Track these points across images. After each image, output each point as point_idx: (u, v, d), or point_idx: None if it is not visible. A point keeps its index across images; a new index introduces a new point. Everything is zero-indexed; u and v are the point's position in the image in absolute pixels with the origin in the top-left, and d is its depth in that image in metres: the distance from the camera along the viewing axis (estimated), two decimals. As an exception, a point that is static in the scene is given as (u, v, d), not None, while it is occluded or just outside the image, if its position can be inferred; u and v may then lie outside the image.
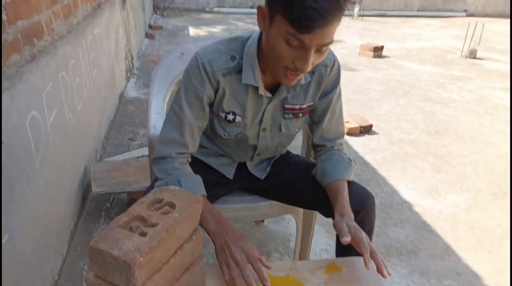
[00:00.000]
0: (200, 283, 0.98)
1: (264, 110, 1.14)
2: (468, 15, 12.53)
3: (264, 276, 0.90)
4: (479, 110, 3.96)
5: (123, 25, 4.00)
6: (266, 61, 1.01)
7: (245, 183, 1.36)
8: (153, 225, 0.83)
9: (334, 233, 1.09)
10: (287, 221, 2.04)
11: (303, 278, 1.03)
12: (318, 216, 1.48)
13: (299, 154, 1.51)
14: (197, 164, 1.26)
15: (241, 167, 1.34)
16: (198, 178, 1.09)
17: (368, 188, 1.22)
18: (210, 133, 1.25)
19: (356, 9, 11.00)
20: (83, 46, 2.24)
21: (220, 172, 1.32)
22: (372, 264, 0.94)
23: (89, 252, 0.77)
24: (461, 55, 6.46)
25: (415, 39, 7.98)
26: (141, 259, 0.75)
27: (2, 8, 1.25)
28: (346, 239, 0.95)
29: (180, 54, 1.72)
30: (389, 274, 0.93)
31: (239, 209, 1.38)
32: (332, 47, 0.96)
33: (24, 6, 1.46)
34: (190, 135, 1.10)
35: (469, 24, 6.90)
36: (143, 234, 0.81)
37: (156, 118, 1.45)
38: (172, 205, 0.90)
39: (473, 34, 6.50)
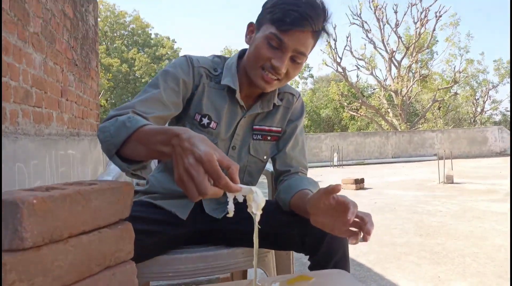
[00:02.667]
0: (128, 294, 0.76)
1: (237, 124, 1.12)
2: (439, 158, 13.40)
3: (231, 186, 0.63)
4: (467, 216, 3.84)
5: (105, 165, 4.12)
6: (245, 73, 1.06)
7: (200, 226, 1.20)
8: (63, 189, 0.70)
9: None
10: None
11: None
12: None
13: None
14: (143, 205, 1.14)
15: (197, 210, 1.21)
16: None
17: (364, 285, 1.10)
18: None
19: (335, 158, 11.72)
20: (52, 155, 2.25)
21: (171, 213, 1.17)
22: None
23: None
24: (439, 182, 6.63)
25: (394, 175, 8.29)
26: (35, 201, 0.60)
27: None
28: (336, 187, 0.78)
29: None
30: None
31: (195, 259, 1.16)
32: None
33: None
34: (155, 106, 0.94)
35: (438, 161, 7.35)
36: (47, 191, 0.67)
37: (108, 173, 1.36)
38: (93, 184, 0.77)
39: (444, 164, 6.83)
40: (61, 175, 2.41)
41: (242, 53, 1.12)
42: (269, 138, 1.17)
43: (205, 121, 1.09)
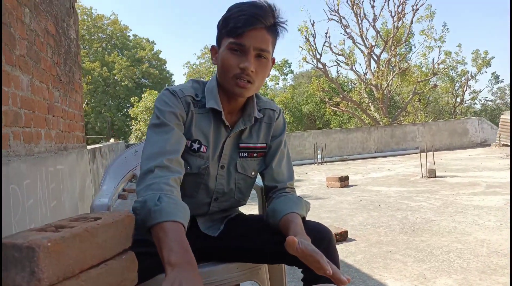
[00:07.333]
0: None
1: (224, 143, 1.17)
2: (421, 152, 13.69)
3: None
4: (450, 211, 3.98)
5: (91, 176, 4.11)
6: (223, 92, 1.12)
7: (196, 244, 1.25)
8: (71, 227, 0.75)
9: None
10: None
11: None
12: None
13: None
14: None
15: (192, 228, 1.26)
16: (185, 206, 0.97)
17: (353, 286, 1.16)
18: None
19: (319, 155, 11.86)
20: (42, 173, 2.26)
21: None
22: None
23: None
24: (422, 176, 6.80)
25: (378, 171, 8.45)
26: (49, 244, 0.65)
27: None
28: (289, 240, 0.87)
29: (134, 152, 1.77)
30: (348, 280, 0.83)
31: (193, 276, 1.22)
32: (300, 183, 1.13)
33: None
34: (177, 143, 1.06)
35: (420, 155, 7.52)
36: (57, 231, 0.72)
37: (103, 195, 1.40)
38: (98, 219, 0.82)
39: (426, 157, 7.00)
40: (52, 191, 2.43)
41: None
42: (255, 154, 1.23)
43: (195, 146, 1.14)
